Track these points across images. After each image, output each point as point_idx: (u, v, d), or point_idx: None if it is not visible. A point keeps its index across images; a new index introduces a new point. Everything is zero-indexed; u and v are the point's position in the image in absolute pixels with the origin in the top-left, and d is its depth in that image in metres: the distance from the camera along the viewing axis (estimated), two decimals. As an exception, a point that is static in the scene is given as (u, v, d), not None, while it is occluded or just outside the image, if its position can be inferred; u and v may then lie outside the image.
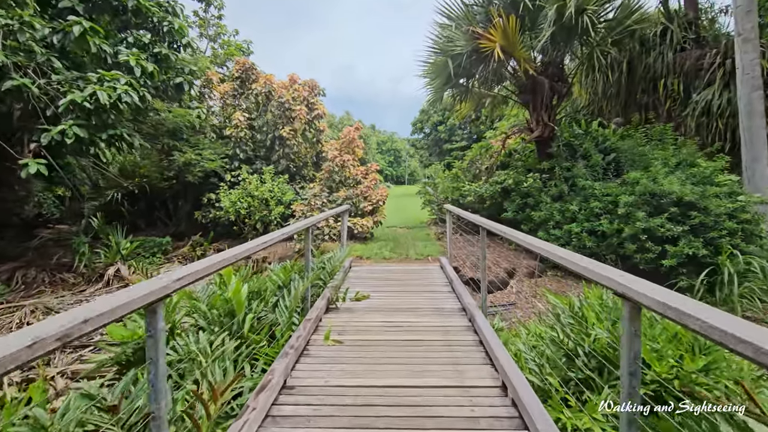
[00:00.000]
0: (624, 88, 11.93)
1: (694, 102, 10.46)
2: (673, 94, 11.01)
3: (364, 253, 8.17)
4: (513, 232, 3.27)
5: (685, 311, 1.12)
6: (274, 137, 9.73)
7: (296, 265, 4.80)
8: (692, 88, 10.78)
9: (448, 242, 6.82)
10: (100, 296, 6.57)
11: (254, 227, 8.94)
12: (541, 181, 8.36)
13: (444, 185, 11.40)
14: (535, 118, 8.61)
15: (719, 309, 1.18)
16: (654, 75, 11.40)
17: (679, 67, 11.03)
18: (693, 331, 1.07)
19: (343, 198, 9.36)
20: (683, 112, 10.66)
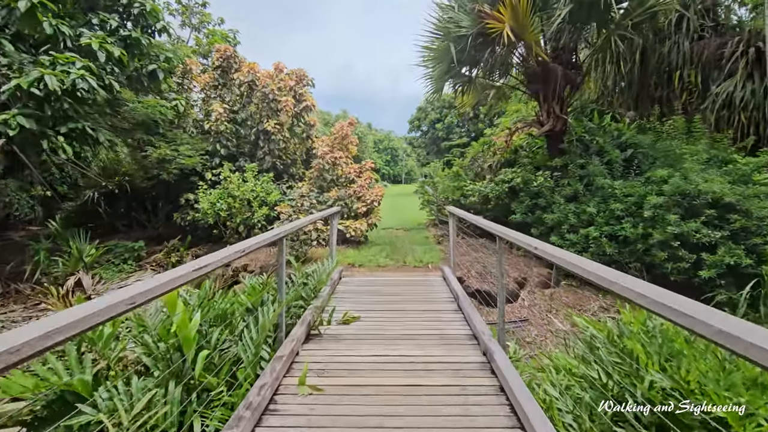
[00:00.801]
0: (636, 80, 11.13)
1: (714, 94, 9.65)
2: (689, 86, 10.25)
3: (357, 259, 7.33)
4: (541, 245, 2.49)
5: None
6: (258, 131, 8.87)
7: (270, 282, 3.96)
8: (711, 79, 9.98)
9: (451, 249, 6.00)
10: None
11: (236, 231, 8.09)
12: (552, 179, 7.56)
13: (444, 184, 10.58)
14: (546, 110, 7.81)
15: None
16: (669, 66, 10.60)
17: (696, 57, 10.22)
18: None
19: (334, 199, 8.52)
20: (701, 105, 9.87)
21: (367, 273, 6.58)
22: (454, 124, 39.13)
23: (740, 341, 0.95)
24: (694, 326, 1.10)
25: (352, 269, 6.80)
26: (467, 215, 5.16)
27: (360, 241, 8.94)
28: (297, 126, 9.73)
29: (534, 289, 6.50)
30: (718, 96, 9.38)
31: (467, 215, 5.16)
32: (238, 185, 7.76)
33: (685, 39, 10.34)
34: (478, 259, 7.47)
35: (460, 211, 5.65)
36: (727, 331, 0.99)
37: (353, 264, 7.02)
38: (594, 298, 6.30)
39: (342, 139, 9.79)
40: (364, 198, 8.87)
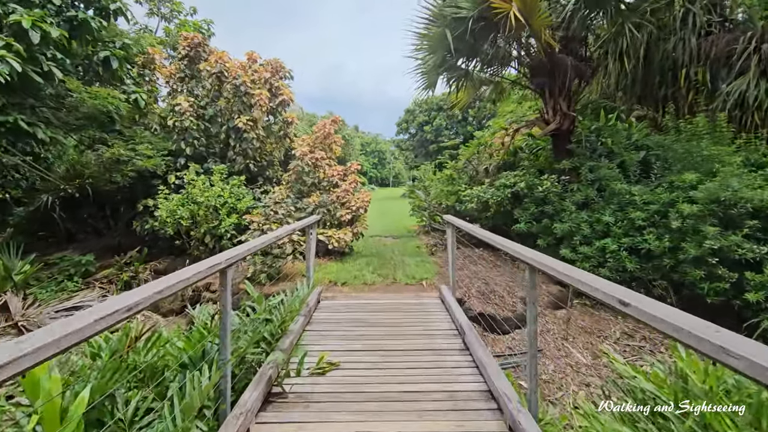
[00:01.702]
0: (640, 78, 10.45)
1: (724, 93, 8.97)
2: (696, 84, 9.60)
3: (340, 276, 6.36)
4: (592, 280, 1.61)
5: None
6: (229, 129, 7.84)
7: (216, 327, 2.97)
8: (720, 77, 9.34)
9: (450, 266, 5.10)
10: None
11: (202, 242, 7.05)
12: (559, 184, 6.74)
13: (437, 189, 9.70)
14: (552, 107, 7.00)
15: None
16: (674, 63, 9.95)
17: (704, 54, 9.57)
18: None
19: (315, 205, 7.54)
20: (710, 105, 9.20)
21: (352, 293, 5.62)
22: (443, 127, 38.50)
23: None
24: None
25: (333, 288, 5.83)
26: (472, 228, 4.27)
27: (344, 252, 7.97)
28: (274, 124, 8.72)
29: (544, 311, 5.63)
30: (729, 95, 8.69)
31: (472, 228, 4.27)
32: (202, 190, 6.72)
33: (692, 35, 9.68)
34: (477, 273, 6.59)
35: (461, 222, 4.74)
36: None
37: (335, 282, 6.04)
38: (613, 320, 5.47)
39: (324, 138, 8.82)
40: (348, 204, 7.92)
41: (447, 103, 38.55)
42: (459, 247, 8.73)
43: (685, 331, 1.14)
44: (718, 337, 1.04)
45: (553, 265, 2.07)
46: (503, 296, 5.68)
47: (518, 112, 13.60)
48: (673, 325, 1.18)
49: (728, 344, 1.00)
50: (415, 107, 41.58)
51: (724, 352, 0.99)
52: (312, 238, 5.25)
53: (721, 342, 1.01)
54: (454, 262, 5.05)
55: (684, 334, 1.14)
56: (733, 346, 0.98)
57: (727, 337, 1.03)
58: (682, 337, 1.15)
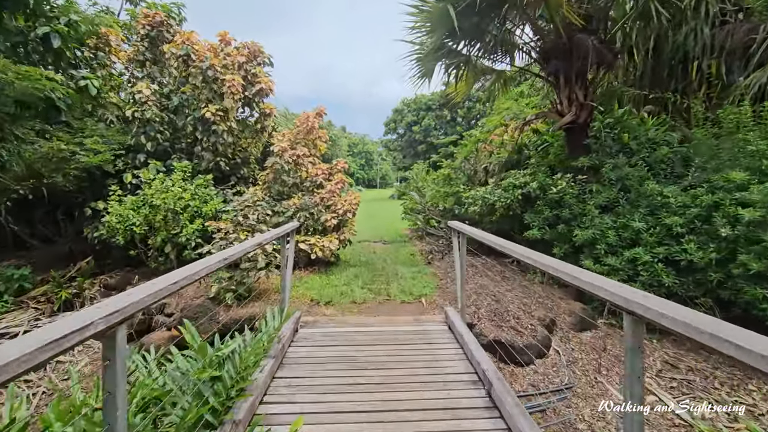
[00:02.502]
0: (649, 71, 9.72)
1: (743, 86, 8.26)
2: (710, 77, 8.91)
3: (324, 292, 5.36)
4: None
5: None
6: (196, 120, 6.74)
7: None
8: (736, 69, 8.63)
9: (458, 285, 4.16)
10: None
11: (161, 252, 5.97)
12: (575, 183, 5.90)
13: (433, 190, 8.78)
14: (567, 97, 6.16)
15: None
16: (684, 56, 9.24)
17: (718, 45, 8.86)
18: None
19: (295, 208, 6.53)
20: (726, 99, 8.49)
21: (337, 316, 4.63)
22: (432, 127, 37.79)
23: None
24: None
25: (315, 310, 4.82)
26: (489, 238, 3.33)
27: (330, 262, 6.97)
28: (250, 116, 7.67)
29: (568, 334, 4.74)
30: (748, 88, 7.98)
31: (489, 238, 3.33)
32: (160, 191, 5.65)
33: (704, 25, 8.98)
34: (485, 287, 5.68)
35: (472, 230, 3.81)
36: None
37: (318, 301, 5.04)
38: (647, 344, 4.61)
39: (307, 133, 7.81)
40: (334, 207, 6.93)
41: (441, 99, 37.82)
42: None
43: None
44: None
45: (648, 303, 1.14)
46: (519, 317, 4.77)
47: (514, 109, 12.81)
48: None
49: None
50: (404, 107, 40.77)
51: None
52: (289, 250, 4.25)
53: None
54: (464, 278, 4.10)
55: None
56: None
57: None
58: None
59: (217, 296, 4.69)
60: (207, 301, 4.67)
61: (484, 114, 36.43)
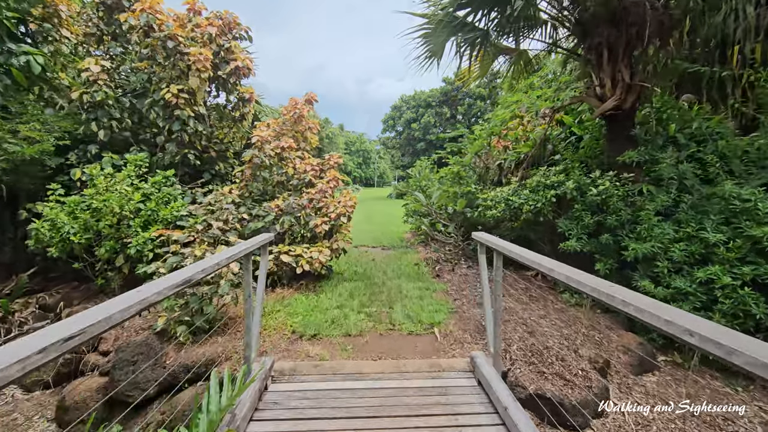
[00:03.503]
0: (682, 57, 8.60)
1: (796, 73, 7.15)
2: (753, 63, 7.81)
3: (310, 321, 4.22)
4: None
5: None
6: (154, 103, 5.53)
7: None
8: (787, 54, 7.51)
9: (489, 321, 3.04)
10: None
11: (112, 265, 4.80)
12: (619, 183, 4.79)
13: (440, 190, 7.65)
14: (610, 76, 5.04)
15: None
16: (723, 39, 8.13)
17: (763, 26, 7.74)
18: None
19: (277, 212, 5.39)
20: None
21: (326, 358, 3.48)
22: (432, 124, 36.66)
23: None
24: None
25: (297, 347, 3.68)
26: (533, 258, 2.20)
27: (320, 275, 5.84)
28: (227, 101, 6.51)
29: (627, 376, 3.63)
30: (804, 75, 6.89)
31: (533, 258, 2.20)
32: (107, 190, 4.48)
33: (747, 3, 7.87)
34: (511, 311, 4.55)
35: (510, 246, 2.66)
36: None
37: (301, 335, 3.89)
38: (730, 394, 3.52)
39: (295, 122, 6.66)
40: (326, 210, 5.79)
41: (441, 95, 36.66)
42: (467, 262, 6.72)
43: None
44: None
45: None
46: (562, 355, 3.66)
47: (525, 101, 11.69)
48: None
49: None
50: (402, 103, 39.63)
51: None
52: (259, 274, 3.11)
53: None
54: (499, 314, 2.97)
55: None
56: None
57: None
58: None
59: (166, 329, 3.54)
60: (152, 337, 3.52)
61: (485, 111, 35.36)
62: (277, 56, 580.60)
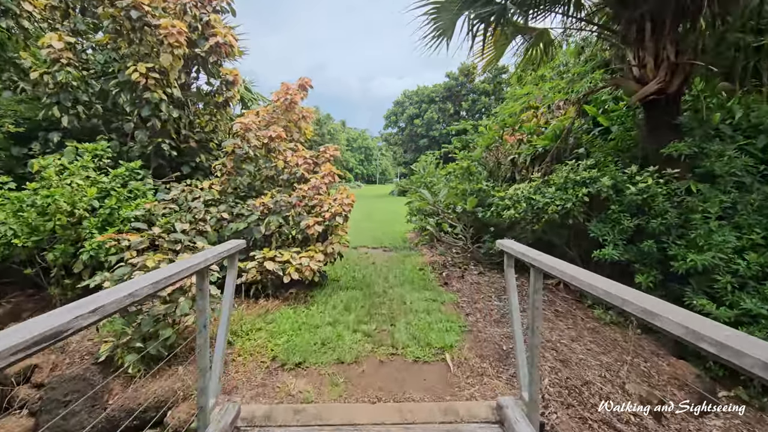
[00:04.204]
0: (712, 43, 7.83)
1: None
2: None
3: (295, 344, 3.50)
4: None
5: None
6: (120, 84, 4.80)
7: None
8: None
9: (520, 361, 2.33)
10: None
11: (68, 270, 4.11)
12: (661, 180, 4.06)
13: (448, 187, 6.92)
14: (653, 54, 4.30)
15: None
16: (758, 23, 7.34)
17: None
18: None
19: (263, 211, 4.69)
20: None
21: (311, 398, 2.77)
22: (435, 120, 35.84)
23: None
24: None
25: (276, 380, 2.96)
26: (608, 286, 1.45)
27: (313, 282, 5.12)
28: (208, 84, 5.78)
29: (688, 424, 2.90)
30: None
31: (608, 286, 1.45)
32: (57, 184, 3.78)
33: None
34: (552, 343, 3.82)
35: (555, 262, 1.93)
36: None
37: (283, 363, 3.17)
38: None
39: (286, 109, 5.93)
40: (319, 208, 5.07)
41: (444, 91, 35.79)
42: (478, 268, 5.99)
43: None
44: None
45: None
46: (605, 392, 2.94)
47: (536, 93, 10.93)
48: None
49: None
50: (405, 99, 38.80)
51: None
52: (226, 289, 2.40)
53: None
54: (537, 349, 2.24)
55: None
56: None
57: None
58: None
59: (112, 358, 2.83)
60: (93, 369, 2.82)
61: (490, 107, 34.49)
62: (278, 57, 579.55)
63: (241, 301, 4.43)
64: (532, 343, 2.22)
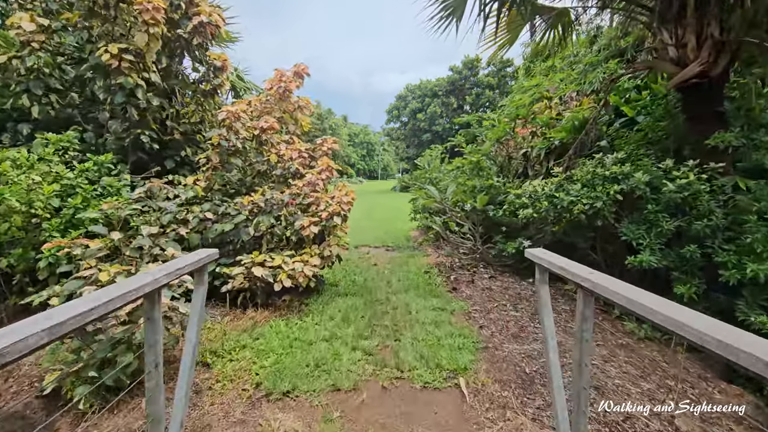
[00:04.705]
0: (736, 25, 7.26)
1: None
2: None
3: (284, 365, 3.03)
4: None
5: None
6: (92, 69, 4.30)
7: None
8: None
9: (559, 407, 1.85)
10: None
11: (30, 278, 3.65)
12: (704, 175, 3.54)
13: (458, 183, 6.42)
14: (695, 32, 3.77)
15: None
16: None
17: None
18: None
19: (252, 209, 4.21)
20: None
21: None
22: (438, 114, 35.21)
23: None
24: None
25: (258, 415, 2.49)
26: (692, 321, 0.94)
27: (310, 289, 4.65)
28: (194, 70, 5.29)
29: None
30: None
31: (692, 321, 0.94)
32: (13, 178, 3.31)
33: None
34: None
35: (606, 280, 1.44)
36: None
37: (268, 392, 2.69)
38: None
39: (281, 98, 5.43)
40: (316, 207, 4.58)
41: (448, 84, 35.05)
42: (490, 271, 5.49)
43: None
44: None
45: None
46: (654, 428, 2.45)
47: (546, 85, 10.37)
48: None
49: None
50: (408, 93, 38.13)
51: None
52: (192, 311, 1.93)
53: None
54: (586, 393, 1.75)
55: None
56: None
57: None
58: None
59: (61, 390, 2.36)
60: (34, 404, 2.35)
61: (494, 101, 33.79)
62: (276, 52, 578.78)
63: (226, 312, 3.95)
64: (579, 384, 1.73)
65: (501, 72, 33.40)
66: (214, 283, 4.08)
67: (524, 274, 5.55)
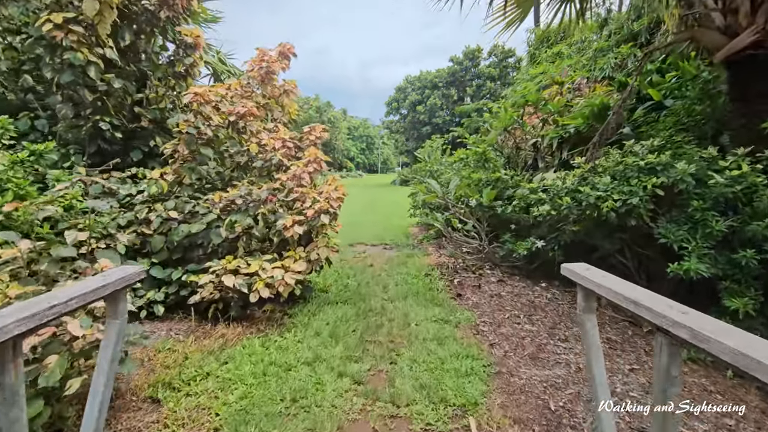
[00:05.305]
0: None
1: None
2: None
3: (252, 405, 2.47)
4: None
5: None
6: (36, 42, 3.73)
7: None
8: None
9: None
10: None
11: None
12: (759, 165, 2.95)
13: (462, 176, 5.82)
14: None
15: None
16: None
17: None
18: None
19: (223, 208, 3.64)
20: None
21: None
22: (438, 107, 34.46)
23: None
24: None
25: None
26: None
27: (293, 298, 4.09)
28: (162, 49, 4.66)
29: None
30: None
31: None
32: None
33: None
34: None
35: (712, 326, 0.87)
36: None
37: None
38: None
39: (263, 80, 4.82)
40: (302, 204, 4.00)
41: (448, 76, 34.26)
42: (509, 277, 4.92)
43: None
44: None
45: None
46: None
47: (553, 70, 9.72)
48: None
49: None
50: (407, 84, 37.33)
51: None
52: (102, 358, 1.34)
53: None
54: None
55: None
56: None
57: None
58: None
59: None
60: None
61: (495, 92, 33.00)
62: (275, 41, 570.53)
63: (192, 328, 3.39)
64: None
65: (502, 63, 32.60)
66: (180, 293, 3.52)
67: (536, 278, 4.98)
